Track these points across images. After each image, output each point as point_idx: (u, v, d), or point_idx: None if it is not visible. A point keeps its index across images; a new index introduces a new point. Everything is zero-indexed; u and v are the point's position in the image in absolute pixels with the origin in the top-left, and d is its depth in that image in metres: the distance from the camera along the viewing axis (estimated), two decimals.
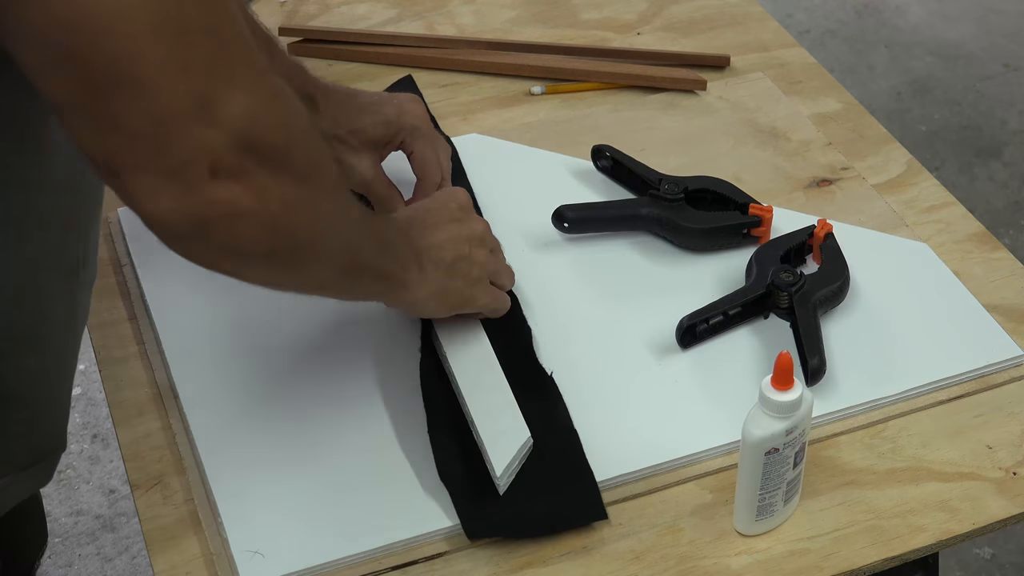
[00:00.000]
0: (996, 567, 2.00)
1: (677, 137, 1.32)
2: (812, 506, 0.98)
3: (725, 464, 1.01)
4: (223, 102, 0.71)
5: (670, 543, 0.96)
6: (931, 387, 1.07)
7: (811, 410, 0.92)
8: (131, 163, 0.71)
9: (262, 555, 0.93)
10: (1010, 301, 1.15)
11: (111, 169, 0.72)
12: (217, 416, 1.03)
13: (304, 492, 0.97)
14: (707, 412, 1.04)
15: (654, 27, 1.48)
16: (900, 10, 3.14)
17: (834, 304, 1.12)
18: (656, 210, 1.17)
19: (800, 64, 1.43)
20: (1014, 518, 0.99)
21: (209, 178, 0.72)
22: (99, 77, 0.68)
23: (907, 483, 1.00)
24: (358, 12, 1.49)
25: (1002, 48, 3.03)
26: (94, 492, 2.07)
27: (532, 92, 1.38)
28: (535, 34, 1.45)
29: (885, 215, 1.23)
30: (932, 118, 2.83)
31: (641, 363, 1.08)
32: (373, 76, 1.39)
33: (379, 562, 0.94)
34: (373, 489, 0.98)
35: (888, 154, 1.31)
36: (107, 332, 1.11)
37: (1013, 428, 1.04)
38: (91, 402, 2.18)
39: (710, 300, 1.10)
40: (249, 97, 0.72)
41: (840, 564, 0.95)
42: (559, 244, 1.18)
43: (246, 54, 0.74)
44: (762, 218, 1.16)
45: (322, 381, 1.05)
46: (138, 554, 1.98)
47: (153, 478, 1.00)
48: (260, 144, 0.73)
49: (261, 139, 0.73)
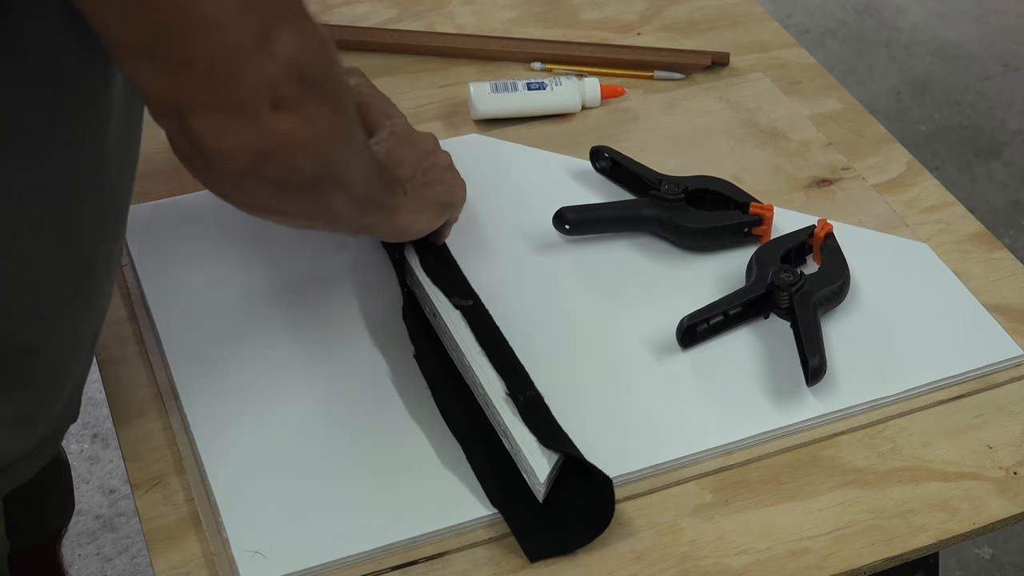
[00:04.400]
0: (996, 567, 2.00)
1: (677, 137, 1.32)
2: (812, 506, 0.98)
3: (725, 464, 1.01)
4: (277, 38, 0.74)
5: (670, 543, 0.96)
6: (931, 387, 1.07)
7: None
8: (200, 102, 0.75)
9: (262, 555, 0.93)
10: (1010, 301, 1.15)
11: (178, 111, 0.75)
12: (217, 416, 1.03)
13: (304, 492, 0.97)
14: (707, 412, 1.04)
15: (654, 27, 1.48)
16: (900, 10, 3.14)
17: (834, 304, 1.12)
18: (657, 210, 1.17)
19: (800, 64, 1.43)
20: (1014, 518, 0.99)
21: (271, 111, 0.76)
22: (170, 16, 0.71)
23: (907, 483, 1.00)
24: (358, 12, 1.50)
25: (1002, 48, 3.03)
26: (94, 492, 2.07)
27: (532, 68, 1.39)
28: (535, 34, 1.46)
29: (885, 215, 1.23)
30: (932, 118, 2.83)
31: (641, 363, 1.08)
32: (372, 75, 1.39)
33: (379, 562, 0.94)
34: (374, 489, 0.98)
35: (888, 154, 1.31)
36: (107, 332, 1.11)
37: (1013, 428, 1.04)
38: (91, 402, 2.18)
39: (710, 300, 1.10)
40: (299, 34, 0.76)
41: (840, 564, 0.95)
42: (559, 245, 1.18)
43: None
44: (763, 217, 1.16)
45: (323, 381, 1.05)
46: (138, 554, 1.98)
47: (153, 478, 1.00)
48: (310, 75, 0.77)
49: (310, 71, 0.77)
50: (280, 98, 0.76)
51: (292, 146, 0.78)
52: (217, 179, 0.82)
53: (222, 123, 0.76)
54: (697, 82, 1.39)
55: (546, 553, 0.94)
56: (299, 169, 0.81)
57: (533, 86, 1.33)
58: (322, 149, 0.81)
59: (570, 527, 0.95)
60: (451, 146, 1.29)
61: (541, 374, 1.04)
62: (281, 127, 0.77)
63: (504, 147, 1.30)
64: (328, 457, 1.00)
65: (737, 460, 1.01)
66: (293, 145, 0.78)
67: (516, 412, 0.98)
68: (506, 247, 1.11)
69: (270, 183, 0.81)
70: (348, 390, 1.05)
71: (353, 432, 1.02)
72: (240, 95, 0.75)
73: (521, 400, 0.99)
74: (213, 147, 0.76)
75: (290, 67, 0.76)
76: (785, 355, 1.08)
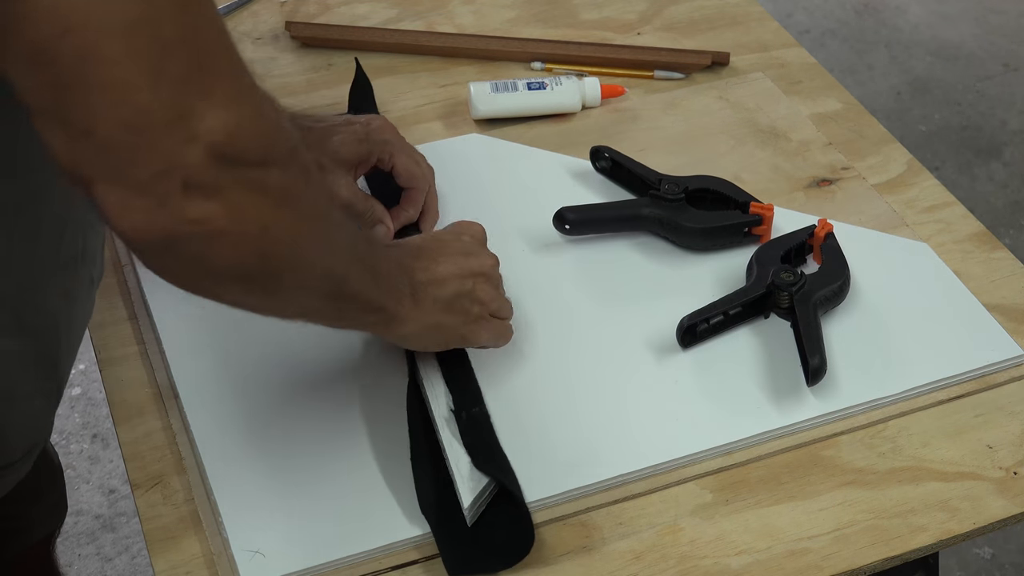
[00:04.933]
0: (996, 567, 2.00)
1: (677, 137, 1.32)
2: (812, 506, 0.98)
3: (725, 464, 1.01)
4: (200, 115, 0.68)
5: (670, 543, 0.96)
6: (931, 387, 1.07)
7: None
8: (100, 173, 0.69)
9: (262, 555, 0.93)
10: (1010, 301, 1.15)
11: (81, 179, 0.69)
12: (217, 416, 1.03)
13: (304, 492, 0.97)
14: (707, 412, 1.04)
15: (654, 27, 1.48)
16: (900, 10, 3.14)
17: (834, 304, 1.12)
18: (657, 210, 1.17)
19: (800, 64, 1.43)
20: (1014, 518, 0.99)
21: (182, 193, 0.69)
22: (67, 76, 0.66)
23: (907, 483, 1.00)
24: (358, 12, 1.50)
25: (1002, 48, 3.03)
26: (94, 492, 2.07)
27: (532, 67, 1.39)
28: (535, 34, 1.46)
29: (885, 215, 1.23)
30: (932, 118, 2.83)
31: (641, 363, 1.08)
32: (372, 75, 1.39)
33: (379, 562, 0.94)
34: (374, 489, 0.98)
35: (888, 154, 1.31)
36: (107, 332, 1.11)
37: (1013, 428, 1.04)
38: (91, 402, 2.18)
39: (710, 300, 1.10)
40: (229, 112, 0.70)
41: (840, 564, 0.95)
42: (559, 245, 1.18)
43: (230, 66, 0.71)
44: (763, 216, 1.16)
45: (323, 381, 1.05)
46: (138, 554, 1.98)
47: (153, 478, 1.00)
48: (238, 161, 0.71)
49: (239, 156, 0.71)
50: (193, 181, 0.69)
51: (208, 235, 0.71)
52: (137, 255, 0.75)
53: (125, 198, 0.69)
54: (697, 82, 1.39)
55: (468, 570, 0.92)
56: (222, 259, 0.74)
57: (533, 86, 1.33)
58: (250, 242, 0.74)
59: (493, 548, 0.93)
60: (451, 146, 1.29)
61: (541, 374, 1.04)
62: (192, 213, 0.70)
63: (504, 147, 1.30)
64: (329, 457, 1.00)
65: (737, 460, 1.01)
66: (209, 234, 0.71)
67: (456, 431, 0.97)
68: (506, 247, 1.11)
69: (193, 270, 0.75)
70: (349, 391, 1.05)
71: (355, 432, 1.02)
72: (143, 173, 0.68)
73: (464, 417, 0.98)
74: (117, 223, 0.70)
75: (211, 150, 0.69)
76: (785, 355, 1.08)
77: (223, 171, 0.70)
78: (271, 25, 1.47)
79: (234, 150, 0.70)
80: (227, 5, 1.48)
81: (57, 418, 1.10)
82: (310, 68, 1.41)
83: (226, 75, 0.71)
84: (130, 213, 0.69)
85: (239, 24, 1.47)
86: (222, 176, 0.70)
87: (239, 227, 0.73)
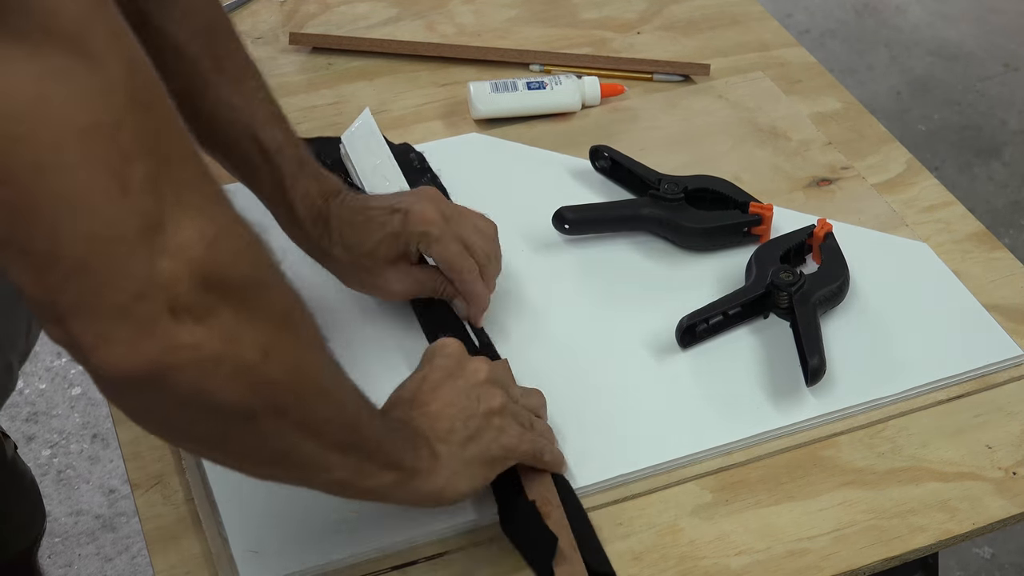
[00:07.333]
0: (996, 567, 2.00)
1: (677, 137, 1.32)
2: (812, 506, 0.98)
3: (725, 464, 1.01)
4: (174, 224, 0.61)
5: (670, 543, 0.96)
6: (931, 387, 1.07)
7: None
8: (73, 302, 0.60)
9: (262, 555, 0.93)
10: (1010, 301, 1.15)
11: (54, 315, 0.61)
12: None
13: (304, 492, 0.97)
14: (707, 412, 1.04)
15: (654, 27, 1.48)
16: (900, 10, 3.14)
17: (834, 304, 1.12)
18: (656, 210, 1.17)
19: (800, 64, 1.43)
20: (1014, 518, 0.99)
21: (169, 317, 0.61)
22: (23, 194, 0.58)
23: (907, 483, 1.00)
24: (358, 12, 1.50)
25: (1002, 48, 3.03)
26: (94, 492, 2.07)
27: (531, 69, 1.39)
28: (535, 33, 1.46)
29: (885, 215, 1.23)
30: (932, 118, 2.83)
31: (640, 363, 1.08)
32: (372, 75, 1.39)
33: (379, 562, 0.94)
34: None
35: (888, 154, 1.31)
36: None
37: (1013, 428, 1.04)
38: (91, 402, 2.18)
39: (710, 300, 1.10)
40: (204, 222, 0.62)
41: (840, 564, 0.95)
42: (559, 245, 1.18)
43: (198, 172, 0.65)
44: (762, 216, 1.16)
45: None
46: (138, 554, 1.98)
47: (153, 478, 1.00)
48: (225, 279, 0.64)
49: (225, 273, 0.64)
50: (180, 304, 0.62)
51: (202, 363, 0.63)
52: (116, 398, 0.67)
53: (101, 328, 0.61)
54: (697, 82, 1.39)
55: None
56: (220, 393, 0.65)
57: (533, 85, 1.33)
58: (250, 371, 0.66)
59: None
60: (451, 146, 1.29)
61: (540, 374, 1.04)
62: (182, 339, 0.62)
63: (504, 146, 1.30)
64: None
65: (737, 460, 1.01)
66: (203, 362, 0.63)
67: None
68: (506, 247, 1.11)
69: (185, 408, 0.66)
70: None
71: None
72: (121, 296, 0.60)
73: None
74: (96, 360, 0.61)
75: (193, 266, 0.62)
76: (785, 355, 1.07)
77: (209, 291, 0.63)
78: (271, 25, 1.47)
79: (217, 266, 0.63)
80: (227, 5, 1.48)
81: (57, 418, 1.10)
82: (310, 68, 1.41)
83: (195, 182, 0.64)
84: (108, 345, 0.61)
85: (239, 24, 1.46)
86: (209, 296, 0.63)
87: (237, 351, 0.65)
